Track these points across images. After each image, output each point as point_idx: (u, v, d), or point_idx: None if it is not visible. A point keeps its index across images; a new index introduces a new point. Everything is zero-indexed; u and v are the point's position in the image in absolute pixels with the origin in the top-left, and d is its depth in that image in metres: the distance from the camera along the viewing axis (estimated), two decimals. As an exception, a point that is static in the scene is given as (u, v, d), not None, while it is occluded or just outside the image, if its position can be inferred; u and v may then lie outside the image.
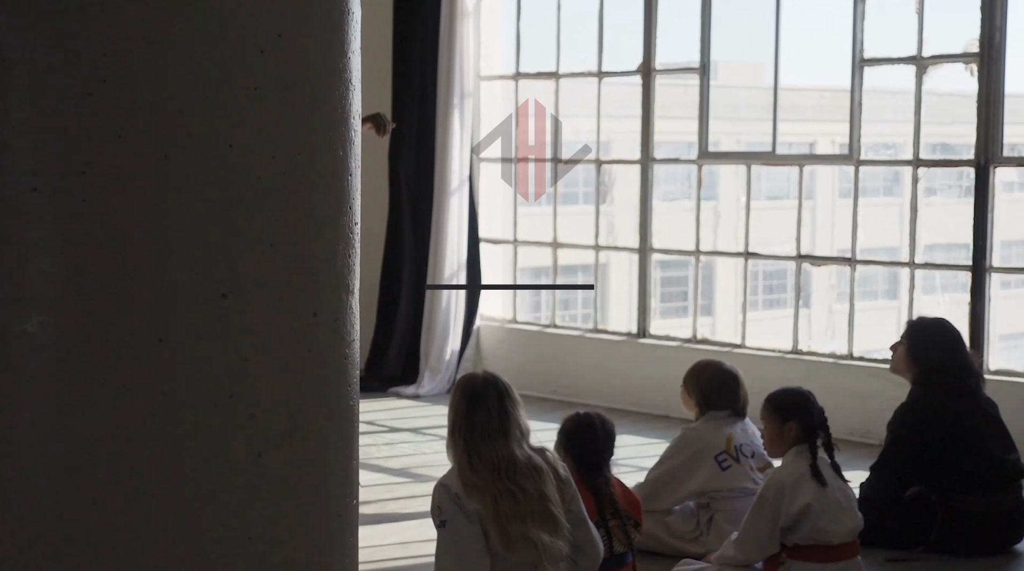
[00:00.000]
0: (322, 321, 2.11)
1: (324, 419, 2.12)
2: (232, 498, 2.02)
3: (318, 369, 2.11)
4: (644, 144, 8.91)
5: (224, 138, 1.97)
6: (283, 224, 2.04)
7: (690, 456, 5.67)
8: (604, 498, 4.86)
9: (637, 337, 9.09)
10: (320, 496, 2.13)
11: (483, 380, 4.39)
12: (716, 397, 5.69)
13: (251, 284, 2.01)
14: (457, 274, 9.51)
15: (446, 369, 9.51)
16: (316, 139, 2.08)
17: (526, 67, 9.62)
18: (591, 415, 5.05)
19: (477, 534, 4.22)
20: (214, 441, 2.01)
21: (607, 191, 27.42)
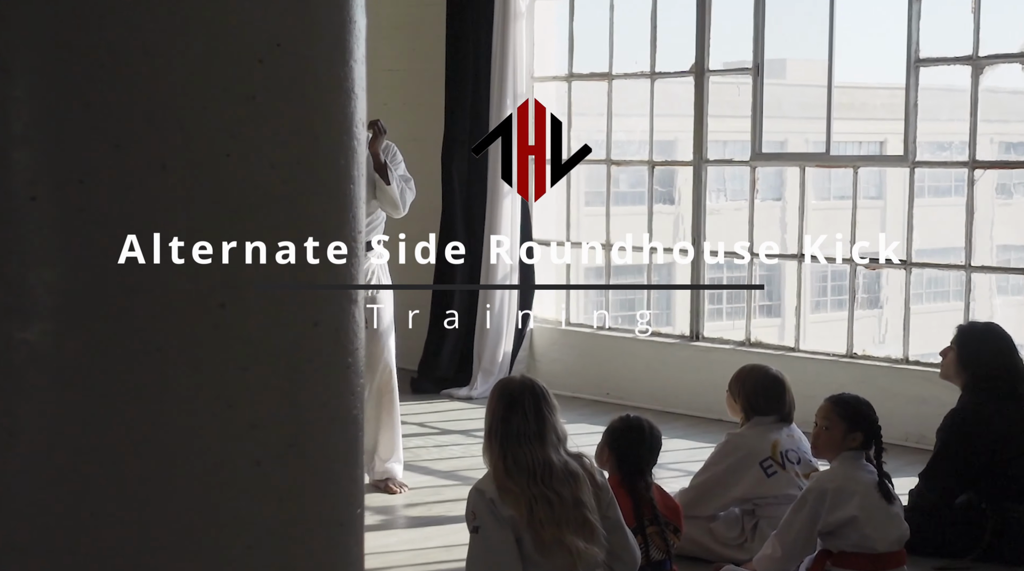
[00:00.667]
0: (323, 331, 2.09)
1: (325, 429, 2.11)
2: (232, 507, 2.02)
3: (319, 379, 2.10)
4: (697, 145, 8.85)
5: (222, 147, 1.96)
6: (283, 232, 2.02)
7: (735, 462, 5.61)
8: (643, 503, 4.83)
9: (691, 340, 9.03)
10: (322, 505, 2.12)
11: (520, 384, 4.37)
12: (762, 402, 5.63)
13: (251, 294, 2.00)
14: (510, 275, 9.50)
15: (499, 371, 9.49)
16: (316, 148, 2.07)
17: (579, 68, 9.58)
18: (640, 418, 5.03)
19: (510, 542, 4.20)
20: (214, 450, 2.00)
21: (675, 191, 27.35)
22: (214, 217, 1.97)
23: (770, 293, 31.16)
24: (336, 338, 2.12)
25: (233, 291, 1.98)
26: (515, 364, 9.53)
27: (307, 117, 2.05)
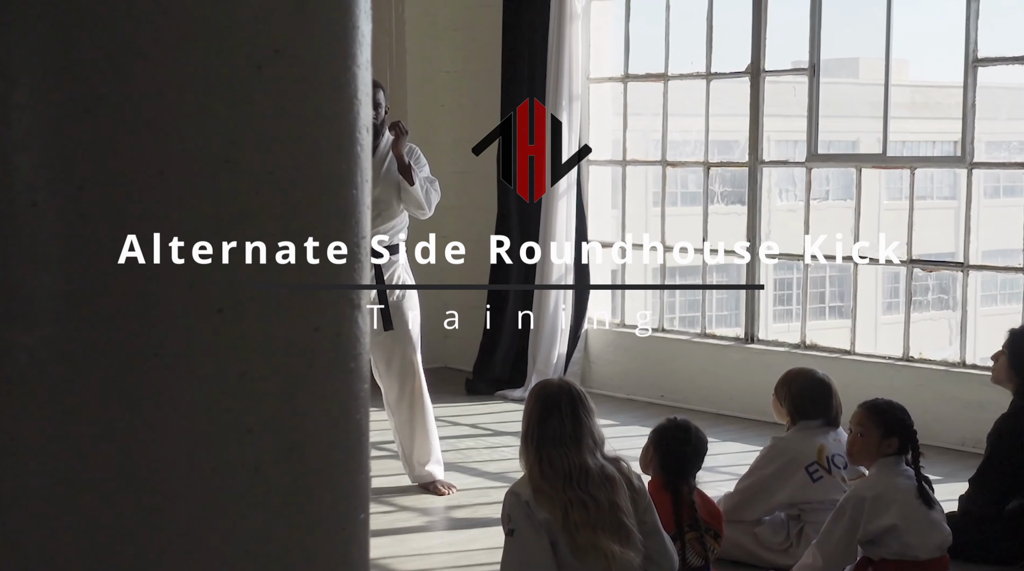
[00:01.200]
0: (324, 336, 2.09)
1: (326, 434, 2.11)
2: (230, 512, 2.02)
3: (320, 384, 2.09)
4: (753, 146, 8.79)
5: (220, 154, 1.97)
6: (283, 238, 2.02)
7: (780, 466, 5.57)
8: (683, 508, 4.81)
9: (745, 342, 8.97)
10: (323, 510, 2.12)
11: (557, 387, 4.37)
12: (808, 406, 5.59)
13: (249, 299, 2.00)
14: (565, 276, 9.48)
15: (553, 372, 9.49)
16: (317, 154, 2.06)
17: (635, 69, 9.55)
18: (688, 421, 5.02)
19: (544, 546, 4.19)
20: (211, 455, 2.01)
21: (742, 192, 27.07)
22: (212, 223, 1.97)
23: (841, 294, 30.96)
24: (337, 343, 2.12)
25: (231, 296, 1.99)
26: (569, 365, 9.52)
27: (307, 123, 2.05)
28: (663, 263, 9.51)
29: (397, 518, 6.45)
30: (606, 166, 9.84)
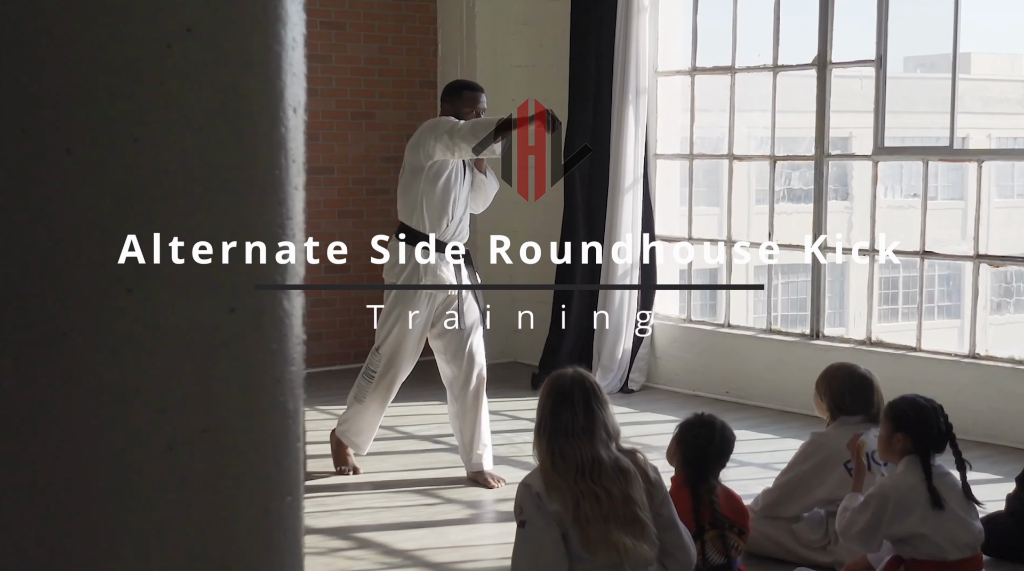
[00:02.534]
0: (241, 317, 2.08)
1: (244, 416, 2.10)
2: (142, 491, 2.02)
3: (235, 365, 2.09)
4: (819, 140, 8.66)
5: (128, 132, 1.97)
6: (193, 219, 2.02)
7: (819, 462, 5.48)
8: (703, 506, 4.74)
9: (810, 338, 8.85)
10: (242, 492, 2.11)
11: (571, 379, 4.33)
12: (848, 401, 5.49)
13: (158, 279, 2.00)
14: (631, 273, 9.42)
15: (618, 368, 9.44)
16: (232, 134, 2.05)
17: (703, 62, 9.46)
18: (714, 418, 4.95)
19: (555, 538, 4.16)
20: (122, 435, 2.01)
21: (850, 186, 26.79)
22: (120, 201, 1.97)
23: (949, 293, 30.46)
24: (257, 324, 2.11)
25: (140, 276, 1.98)
26: (635, 361, 9.45)
27: (221, 103, 2.04)
28: (729, 259, 9.40)
29: (442, 510, 6.45)
30: (673, 160, 9.75)
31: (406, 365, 6.86)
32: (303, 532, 2.32)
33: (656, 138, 9.62)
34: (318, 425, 8.18)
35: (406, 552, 5.77)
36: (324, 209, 10.25)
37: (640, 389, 9.50)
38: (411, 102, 10.59)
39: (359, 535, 6.01)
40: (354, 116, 10.38)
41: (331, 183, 10.33)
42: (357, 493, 6.75)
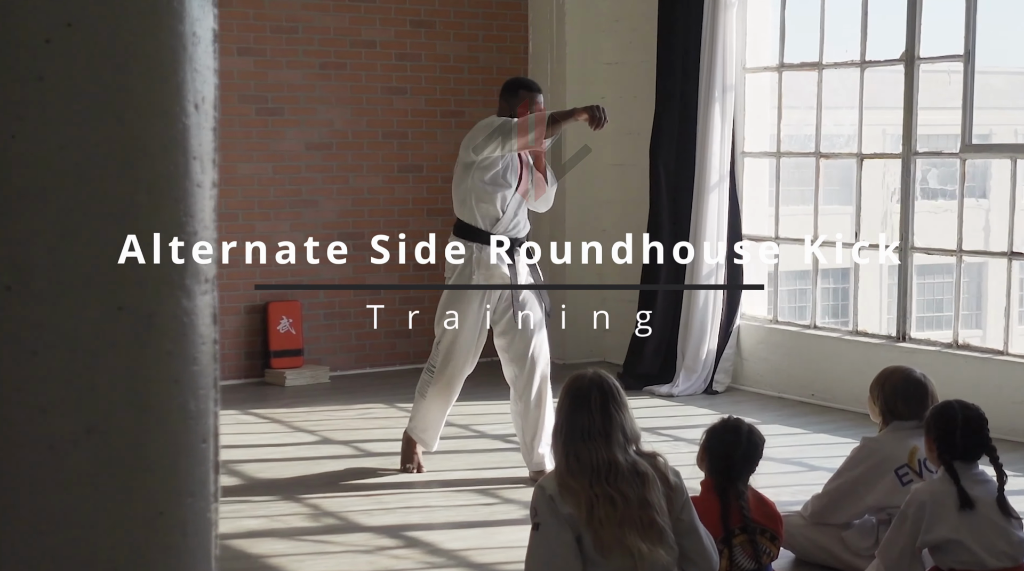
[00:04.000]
0: (130, 316, 2.05)
1: (134, 417, 2.07)
2: (22, 493, 2.00)
3: (124, 365, 2.05)
4: (906, 137, 8.45)
5: (6, 128, 1.95)
6: (78, 215, 2.00)
7: (869, 468, 5.34)
8: (732, 511, 4.64)
9: (896, 341, 8.64)
10: (132, 493, 2.08)
11: (588, 381, 4.26)
12: (901, 406, 5.34)
13: (40, 277, 1.98)
14: (716, 272, 9.29)
15: (702, 369, 9.31)
16: (118, 130, 2.02)
17: (790, 58, 9.29)
18: (740, 422, 4.83)
19: (568, 541, 4.09)
20: (2, 434, 1.99)
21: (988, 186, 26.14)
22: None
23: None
24: (149, 324, 2.07)
25: (19, 274, 1.96)
26: (720, 362, 9.32)
27: (106, 99, 2.01)
28: (815, 259, 9.21)
29: (497, 510, 6.41)
30: (761, 158, 9.59)
31: (464, 360, 6.83)
32: (214, 533, 2.28)
33: (744, 136, 9.46)
34: (397, 423, 8.20)
35: (452, 552, 5.74)
36: (413, 207, 10.28)
37: (725, 391, 9.36)
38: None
39: (409, 534, 5.99)
40: (443, 114, 10.38)
41: (420, 181, 10.34)
42: (417, 491, 6.74)
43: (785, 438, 8.08)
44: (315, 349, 9.95)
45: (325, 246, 9.91)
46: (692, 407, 8.94)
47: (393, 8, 10.17)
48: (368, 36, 10.09)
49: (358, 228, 10.09)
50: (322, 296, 10.01)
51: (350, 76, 10.05)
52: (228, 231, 9.64)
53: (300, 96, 9.88)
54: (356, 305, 10.12)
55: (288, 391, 9.38)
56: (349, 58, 10.02)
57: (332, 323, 10.07)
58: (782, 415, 8.66)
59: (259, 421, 8.47)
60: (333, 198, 10.04)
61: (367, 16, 10.08)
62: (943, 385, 7.66)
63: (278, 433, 8.12)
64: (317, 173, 9.97)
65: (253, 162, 9.73)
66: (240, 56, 9.64)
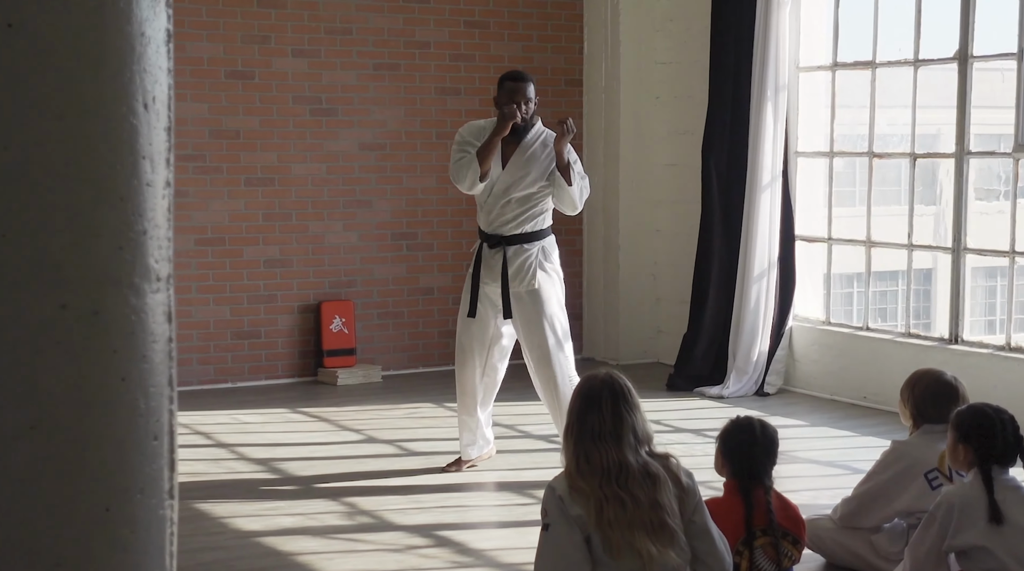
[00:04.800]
0: (74, 314, 2.07)
1: (78, 413, 2.09)
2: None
3: (68, 362, 2.07)
4: (959, 136, 8.33)
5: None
6: (17, 215, 2.02)
7: (899, 472, 5.27)
8: (757, 512, 4.59)
9: (949, 343, 8.52)
10: (77, 489, 2.10)
11: (600, 381, 4.24)
12: (931, 410, 5.26)
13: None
14: (768, 273, 9.21)
15: (754, 370, 9.24)
16: (61, 130, 2.04)
17: (844, 57, 9.20)
18: (751, 419, 4.79)
19: (576, 541, 4.08)
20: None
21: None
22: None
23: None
24: (94, 322, 2.09)
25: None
26: (772, 363, 9.25)
27: (47, 98, 2.02)
28: (868, 260, 9.12)
29: (530, 511, 6.34)
30: (815, 158, 9.49)
31: (472, 354, 6.86)
32: (169, 530, 2.29)
33: (797, 135, 9.38)
34: (443, 423, 8.23)
35: (480, 551, 5.74)
36: (466, 207, 10.27)
37: (776, 392, 9.28)
38: (556, 100, 10.54)
39: (440, 533, 6.00)
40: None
41: (473, 182, 10.34)
42: (455, 491, 6.75)
43: (832, 441, 8.00)
44: (368, 348, 10.00)
45: (378, 246, 9.98)
46: (742, 408, 8.84)
47: (447, 9, 10.20)
48: (422, 37, 10.12)
49: (411, 228, 10.13)
50: (376, 295, 10.06)
51: (404, 77, 10.09)
52: (282, 231, 9.73)
53: (354, 97, 9.94)
54: (409, 305, 10.17)
55: (339, 390, 9.43)
56: (403, 59, 10.06)
57: (385, 322, 10.11)
58: (832, 417, 8.57)
59: (307, 420, 8.52)
60: (387, 198, 10.08)
61: (421, 17, 10.11)
62: (995, 388, 7.58)
63: (324, 432, 8.17)
64: (371, 173, 10.02)
65: (307, 162, 9.80)
66: (294, 58, 9.71)
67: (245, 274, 9.64)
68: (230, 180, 9.57)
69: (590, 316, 10.70)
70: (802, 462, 7.39)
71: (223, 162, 9.54)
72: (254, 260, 9.66)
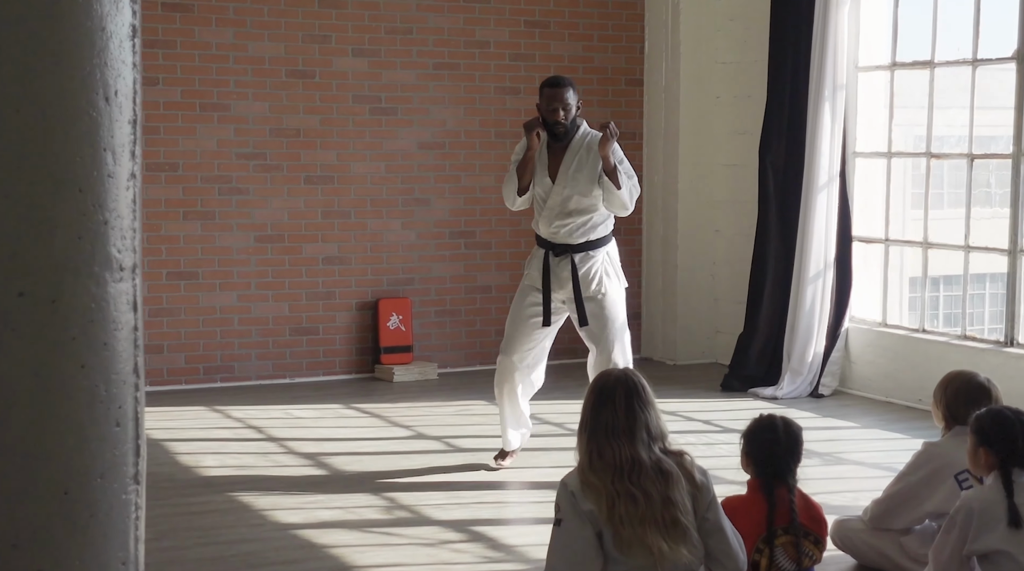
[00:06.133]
0: (31, 302, 2.13)
1: (37, 399, 2.15)
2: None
3: (25, 349, 2.14)
4: (1017, 137, 8.22)
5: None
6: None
7: (929, 473, 5.22)
8: (779, 510, 4.59)
9: (1004, 345, 8.42)
10: (35, 473, 2.16)
11: (615, 378, 4.26)
12: (963, 411, 5.20)
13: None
14: (824, 274, 9.16)
15: (808, 371, 9.19)
16: (18, 122, 2.11)
17: (902, 56, 9.11)
18: (773, 417, 4.78)
19: (588, 537, 4.11)
20: (-97, 416, 2.09)
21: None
22: (-99, 188, 2.05)
23: None
24: (53, 309, 2.15)
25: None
26: (828, 365, 9.19)
27: (4, 90, 2.09)
28: (924, 261, 9.03)
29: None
30: (873, 158, 9.41)
31: (513, 354, 6.93)
32: (134, 515, 2.35)
33: (855, 135, 9.31)
34: (492, 420, 8.25)
35: (512, 547, 5.77)
36: (525, 206, 10.32)
37: (831, 394, 9.21)
38: (616, 99, 10.55)
39: (475, 528, 6.04)
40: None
41: (532, 180, 10.38)
42: (495, 487, 6.79)
43: (882, 443, 7.94)
44: (425, 346, 10.07)
45: (436, 244, 10.05)
46: (795, 410, 8.79)
47: (508, 9, 10.24)
48: (482, 37, 10.17)
49: (469, 226, 10.19)
50: (433, 293, 10.12)
51: (463, 76, 10.14)
52: (340, 229, 9.82)
53: (413, 96, 10.00)
54: (467, 303, 10.22)
55: (395, 387, 9.50)
56: (462, 59, 10.12)
57: (443, 320, 10.17)
58: (885, 420, 8.50)
59: (359, 416, 8.60)
60: (445, 197, 10.14)
61: (481, 17, 10.16)
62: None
63: (374, 428, 8.24)
64: (429, 172, 10.08)
65: (366, 161, 9.89)
66: (355, 57, 9.80)
67: (304, 271, 9.75)
68: (290, 178, 9.68)
69: (648, 316, 10.69)
70: (848, 463, 7.34)
71: (283, 160, 9.65)
72: (313, 257, 9.76)
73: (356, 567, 5.53)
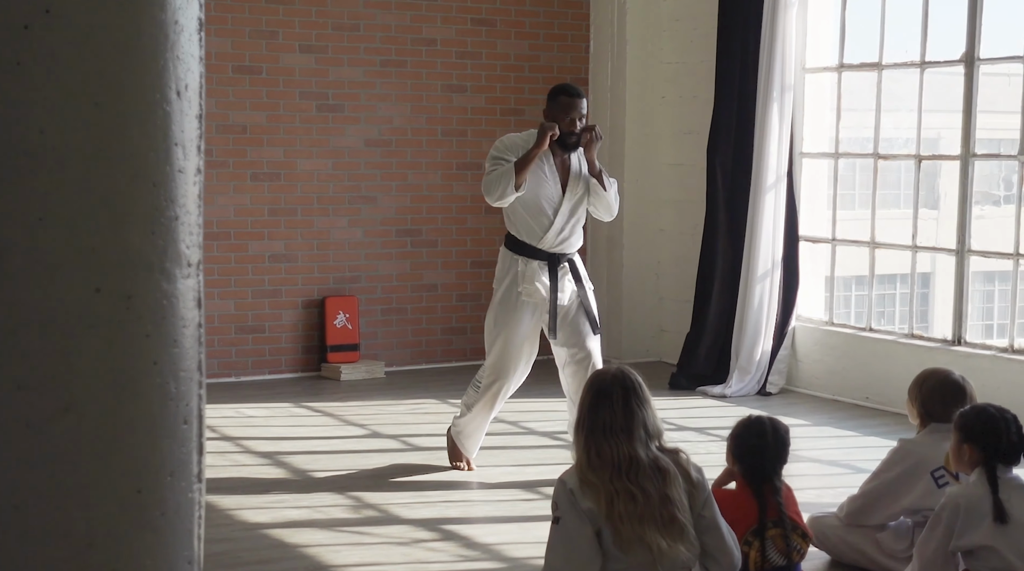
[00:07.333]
0: (107, 298, 2.10)
1: (111, 396, 2.12)
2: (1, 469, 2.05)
3: (102, 345, 2.10)
4: (965, 138, 8.35)
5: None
6: (55, 199, 2.04)
7: (905, 470, 5.29)
8: (767, 505, 4.63)
9: (952, 344, 8.55)
10: (109, 471, 2.13)
11: (611, 376, 4.27)
12: (938, 408, 5.29)
13: (17, 258, 2.03)
14: (771, 273, 9.24)
15: (756, 370, 9.27)
16: (97, 116, 2.07)
17: (850, 58, 9.22)
18: (762, 419, 4.81)
19: (587, 535, 4.11)
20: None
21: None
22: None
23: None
24: (127, 306, 2.12)
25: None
26: (775, 363, 9.27)
27: (84, 84, 2.05)
28: (872, 261, 9.15)
29: (535, 506, 6.39)
30: (819, 159, 9.51)
31: (512, 375, 6.76)
32: (198, 513, 2.32)
33: (803, 136, 9.40)
34: (447, 418, 8.23)
35: (486, 546, 5.77)
36: (471, 204, 10.29)
37: (779, 392, 9.30)
38: (561, 99, 10.56)
39: (446, 527, 6.03)
40: (503, 113, 10.40)
41: (478, 179, 10.21)
42: (459, 486, 6.78)
43: (835, 440, 8.03)
44: (371, 344, 10.03)
45: (383, 242, 10.01)
46: (744, 408, 8.85)
47: (454, 6, 10.22)
48: (429, 34, 10.14)
49: (416, 225, 10.16)
50: (379, 291, 10.08)
51: (410, 74, 10.11)
52: (287, 226, 9.75)
53: (360, 93, 9.96)
54: (413, 301, 10.19)
55: (343, 385, 9.45)
56: (410, 55, 10.09)
57: (389, 318, 10.13)
58: (835, 417, 8.60)
59: (311, 414, 8.55)
60: (391, 195, 10.10)
61: (428, 14, 10.13)
62: (998, 390, 7.59)
63: (329, 426, 8.19)
64: (376, 169, 10.04)
65: (313, 158, 9.82)
66: (302, 53, 9.73)
67: (250, 269, 9.67)
68: (236, 175, 9.59)
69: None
70: (805, 461, 7.41)
71: (229, 157, 9.56)
72: (259, 255, 9.69)
73: (332, 566, 5.50)
